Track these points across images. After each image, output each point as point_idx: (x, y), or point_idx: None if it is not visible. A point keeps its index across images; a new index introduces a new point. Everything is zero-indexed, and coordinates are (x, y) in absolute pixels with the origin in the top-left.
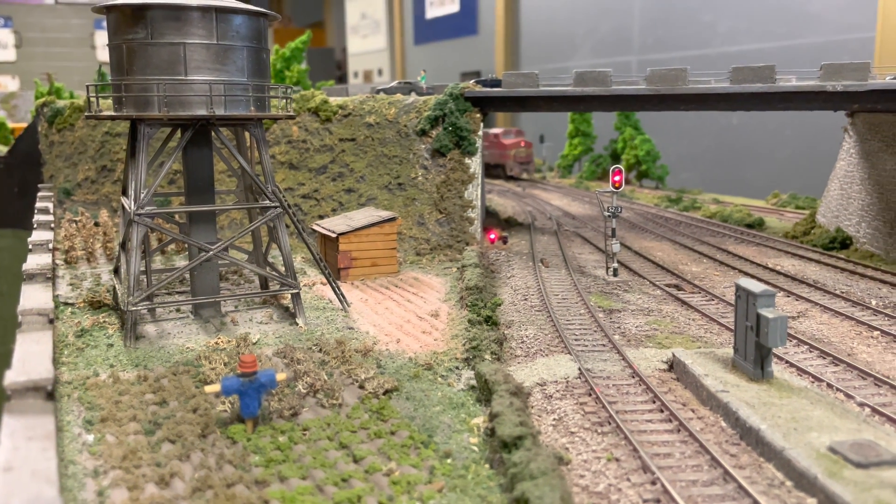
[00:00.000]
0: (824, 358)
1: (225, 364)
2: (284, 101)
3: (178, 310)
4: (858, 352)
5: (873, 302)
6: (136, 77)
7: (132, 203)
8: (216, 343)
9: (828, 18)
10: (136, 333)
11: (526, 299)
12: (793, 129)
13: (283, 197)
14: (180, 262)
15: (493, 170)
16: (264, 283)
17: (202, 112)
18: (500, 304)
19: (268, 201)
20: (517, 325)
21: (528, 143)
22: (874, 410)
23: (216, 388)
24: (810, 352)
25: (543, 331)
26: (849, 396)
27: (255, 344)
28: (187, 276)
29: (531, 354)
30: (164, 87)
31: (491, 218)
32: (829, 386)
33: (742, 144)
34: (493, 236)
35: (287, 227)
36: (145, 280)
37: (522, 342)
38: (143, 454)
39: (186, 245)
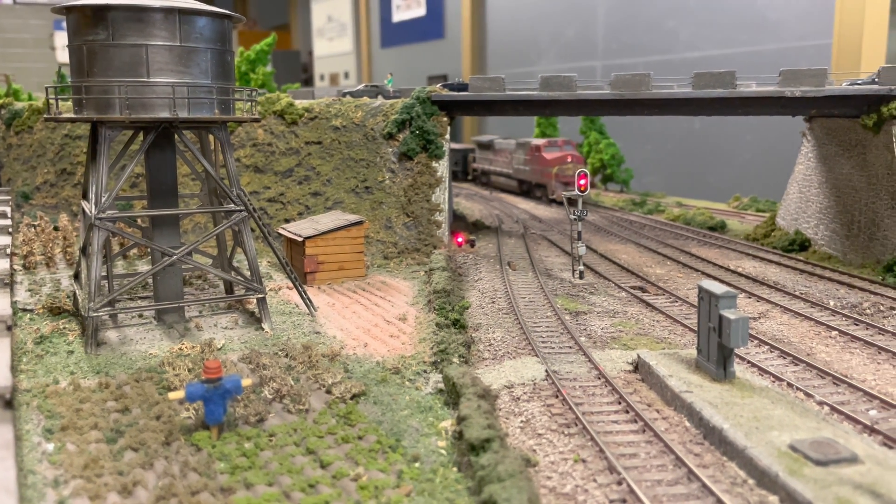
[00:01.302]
0: (784, 358)
1: (189, 370)
2: (249, 103)
3: (140, 315)
4: (817, 351)
5: (831, 303)
6: (97, 79)
7: (93, 207)
8: (180, 349)
9: (787, 25)
10: (97, 340)
11: (493, 302)
12: (753, 133)
13: (249, 200)
14: (143, 266)
15: (535, 190)
16: (229, 288)
17: (165, 115)
18: (467, 308)
19: (232, 205)
20: (485, 328)
21: (576, 156)
22: (833, 409)
23: (180, 394)
24: (771, 352)
25: (511, 333)
26: (808, 395)
27: (219, 349)
28: (150, 281)
29: (499, 357)
30: (126, 89)
31: (458, 221)
32: (790, 385)
33: (704, 148)
34: (460, 240)
35: (252, 230)
36: (107, 285)
37: (490, 345)
38: (104, 463)
39: (149, 249)
